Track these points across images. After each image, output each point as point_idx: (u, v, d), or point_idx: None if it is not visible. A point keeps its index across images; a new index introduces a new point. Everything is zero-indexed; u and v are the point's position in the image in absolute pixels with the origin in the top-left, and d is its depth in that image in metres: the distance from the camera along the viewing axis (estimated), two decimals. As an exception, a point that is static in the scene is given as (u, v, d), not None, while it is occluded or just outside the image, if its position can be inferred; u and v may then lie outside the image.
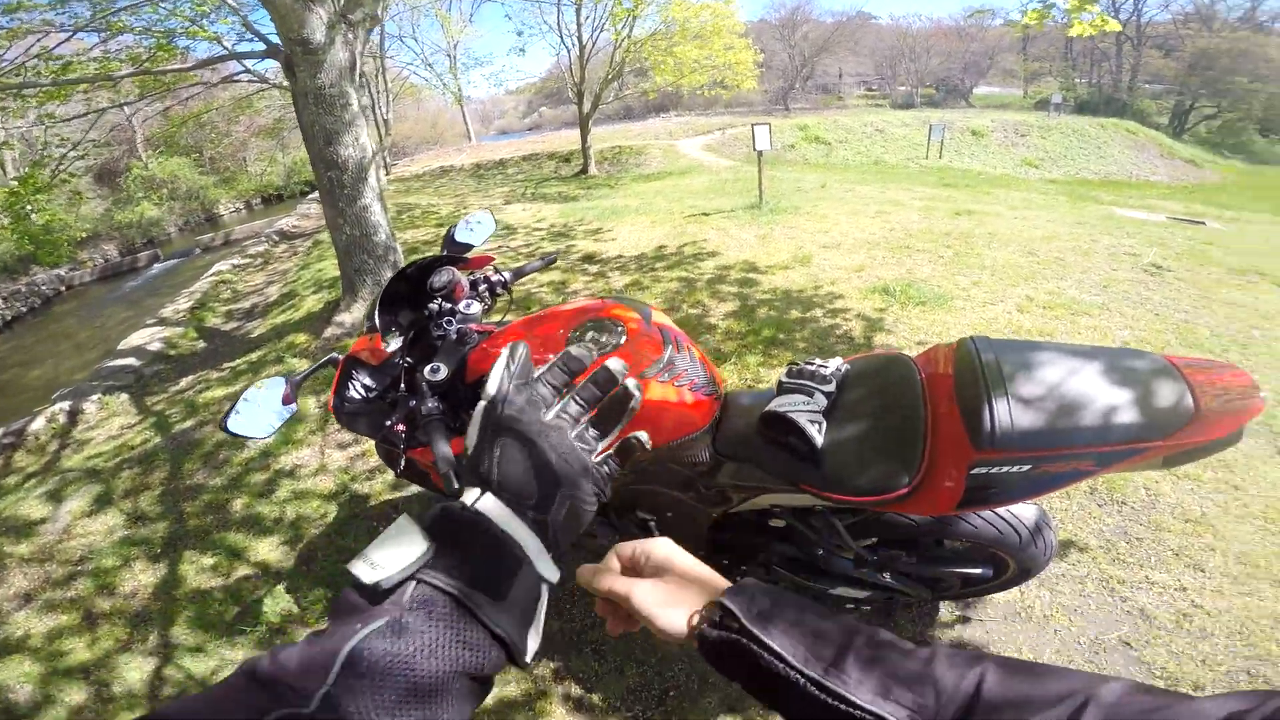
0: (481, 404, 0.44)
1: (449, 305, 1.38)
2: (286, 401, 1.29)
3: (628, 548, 0.52)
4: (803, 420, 1.13)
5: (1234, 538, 1.84)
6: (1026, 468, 0.96)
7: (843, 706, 0.38)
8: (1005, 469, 0.97)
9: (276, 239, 9.47)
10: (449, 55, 21.53)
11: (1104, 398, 0.92)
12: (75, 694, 1.88)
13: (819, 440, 1.13)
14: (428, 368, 1.19)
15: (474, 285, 1.48)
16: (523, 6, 30.64)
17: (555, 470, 0.43)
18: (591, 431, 0.46)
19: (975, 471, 0.98)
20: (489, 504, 0.41)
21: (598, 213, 6.84)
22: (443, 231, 6.96)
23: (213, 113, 12.76)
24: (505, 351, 0.46)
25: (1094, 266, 3.94)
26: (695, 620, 0.46)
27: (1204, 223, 7.16)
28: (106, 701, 1.85)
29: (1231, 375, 0.96)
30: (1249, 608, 1.63)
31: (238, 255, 8.61)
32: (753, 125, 5.78)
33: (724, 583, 0.48)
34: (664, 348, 1.25)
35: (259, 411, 1.27)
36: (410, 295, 1.43)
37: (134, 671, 1.93)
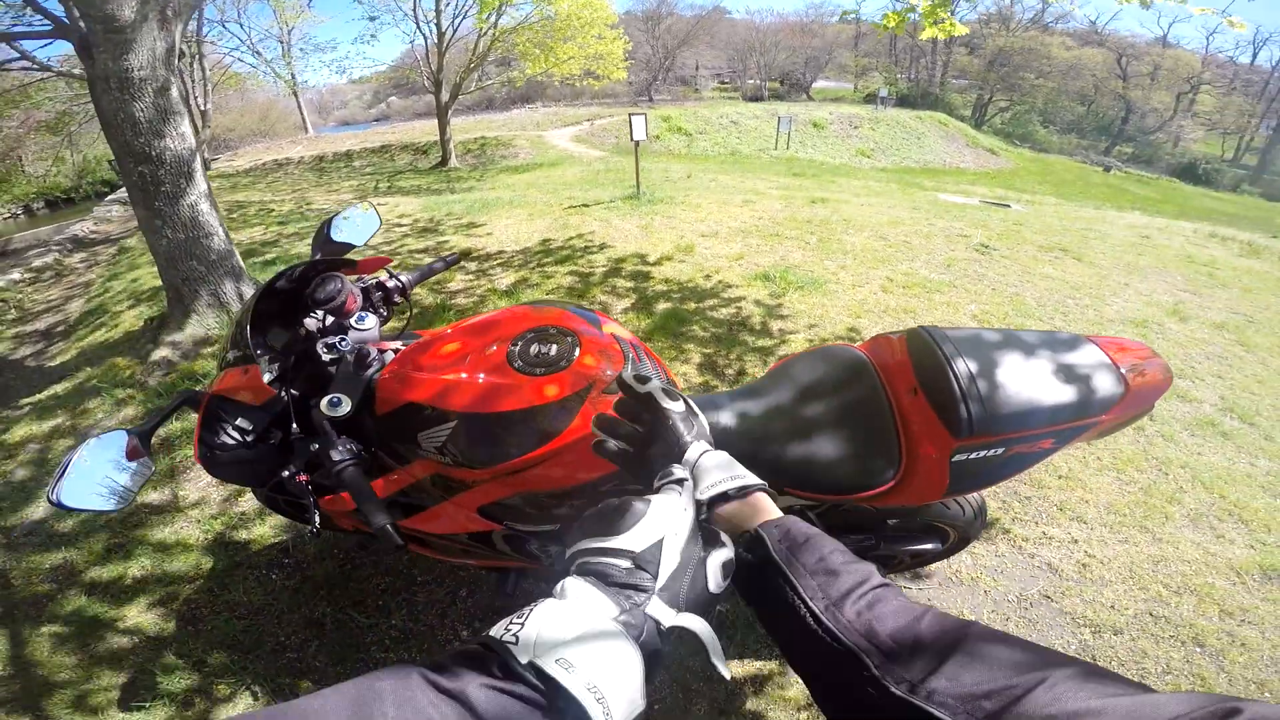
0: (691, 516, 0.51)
1: (338, 321, 1.11)
2: (134, 456, 1.02)
3: None
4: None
5: (1099, 489, 2.13)
6: (1000, 450, 1.03)
7: (830, 640, 0.42)
8: (983, 454, 1.02)
9: (70, 247, 7.91)
10: (281, 41, 19.28)
11: (1052, 381, 1.01)
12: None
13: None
14: (325, 400, 0.96)
15: (365, 295, 1.20)
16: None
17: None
18: None
19: (956, 459, 1.02)
20: (698, 626, 0.45)
21: (466, 206, 6.44)
22: (286, 230, 6.21)
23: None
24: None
25: (936, 248, 4.41)
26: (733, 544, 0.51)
27: (1010, 205, 8.33)
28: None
29: (1140, 351, 1.09)
30: (1130, 554, 1.89)
31: (18, 270, 7.07)
32: (630, 115, 5.79)
33: (775, 514, 0.53)
34: (624, 358, 1.07)
35: (98, 475, 0.99)
36: (279, 311, 1.14)
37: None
